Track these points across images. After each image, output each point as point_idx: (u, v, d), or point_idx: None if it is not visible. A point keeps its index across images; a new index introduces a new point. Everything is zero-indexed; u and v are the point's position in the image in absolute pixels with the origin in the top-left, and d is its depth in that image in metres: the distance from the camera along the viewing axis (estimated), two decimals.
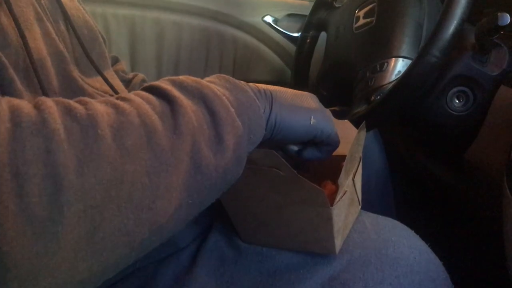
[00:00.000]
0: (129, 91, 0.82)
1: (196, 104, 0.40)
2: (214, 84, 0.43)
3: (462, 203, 0.94)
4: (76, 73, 0.55)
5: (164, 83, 0.41)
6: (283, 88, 0.53)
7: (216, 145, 0.39)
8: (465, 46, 0.72)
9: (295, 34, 1.49)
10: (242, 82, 0.47)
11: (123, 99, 0.38)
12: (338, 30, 1.08)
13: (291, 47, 1.48)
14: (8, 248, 0.27)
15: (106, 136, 0.33)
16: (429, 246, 0.61)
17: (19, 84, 0.43)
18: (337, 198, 0.52)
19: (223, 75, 0.47)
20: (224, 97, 0.42)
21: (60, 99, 0.35)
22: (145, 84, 0.42)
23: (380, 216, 0.64)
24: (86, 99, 0.36)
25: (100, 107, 0.35)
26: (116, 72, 0.84)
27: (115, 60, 0.91)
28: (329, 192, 0.57)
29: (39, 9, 0.53)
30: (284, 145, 0.56)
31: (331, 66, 1.09)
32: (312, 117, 0.51)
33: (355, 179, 0.58)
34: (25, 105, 0.32)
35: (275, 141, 0.49)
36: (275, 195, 0.54)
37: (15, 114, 0.30)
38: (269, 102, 0.48)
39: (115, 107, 0.36)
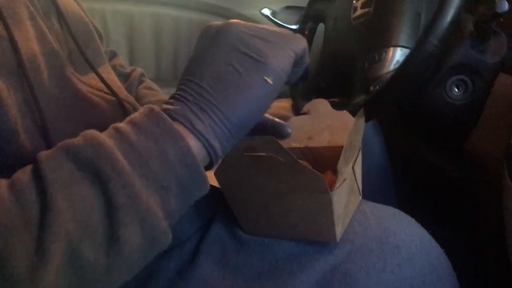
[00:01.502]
0: (128, 86, 0.82)
1: (86, 187, 0.34)
2: (137, 130, 0.37)
3: (462, 191, 0.95)
4: (70, 72, 0.55)
5: (53, 157, 0.35)
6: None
7: (108, 241, 0.34)
8: (463, 35, 0.71)
9: (293, 27, 1.48)
10: (179, 120, 0.39)
11: None
12: (336, 21, 1.08)
13: None
14: None
15: None
16: (430, 234, 0.61)
17: (5, 99, 0.41)
18: (337, 184, 0.52)
19: (159, 112, 0.39)
20: (128, 170, 0.35)
21: None
22: (37, 157, 0.36)
23: (381, 205, 0.64)
24: None
25: None
26: (114, 67, 0.84)
27: (113, 55, 0.91)
28: (329, 182, 0.57)
29: (31, 8, 0.52)
30: None
31: (330, 58, 1.09)
32: (265, 78, 0.41)
33: (355, 167, 0.59)
34: None
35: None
36: (275, 182, 0.54)
37: None
38: (218, 124, 0.40)
39: None
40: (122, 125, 0.38)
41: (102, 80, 0.61)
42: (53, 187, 0.33)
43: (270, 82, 0.41)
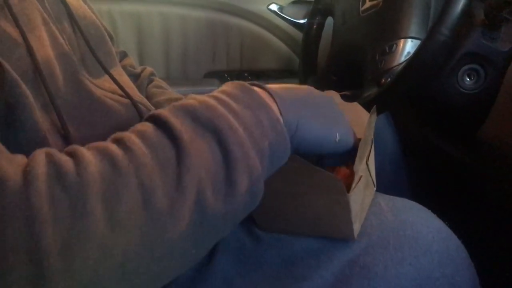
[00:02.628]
0: (138, 86, 0.83)
1: (207, 142, 0.37)
2: (234, 100, 0.41)
3: (477, 181, 0.94)
4: (83, 76, 0.55)
5: (174, 114, 0.38)
6: (305, 89, 0.51)
7: (226, 188, 0.37)
8: (474, 23, 0.71)
9: (301, 21, 1.48)
10: (264, 91, 0.44)
11: (123, 146, 0.35)
12: (344, 14, 1.08)
13: (298, 34, 1.47)
14: None
15: (95, 211, 0.31)
16: (446, 225, 0.61)
17: (30, 98, 0.43)
18: (353, 185, 0.52)
19: (246, 85, 0.43)
20: (240, 130, 0.39)
21: (52, 153, 0.33)
22: (154, 112, 0.39)
23: (396, 198, 0.64)
24: (80, 151, 0.34)
25: (93, 167, 0.32)
26: (124, 67, 0.85)
27: (123, 55, 0.92)
28: (343, 176, 0.57)
29: (44, 13, 0.53)
30: None
31: (340, 51, 1.09)
32: (337, 134, 0.50)
33: (369, 162, 0.58)
34: (11, 172, 0.30)
35: (296, 153, 0.48)
36: (291, 184, 0.54)
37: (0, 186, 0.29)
38: (296, 120, 0.45)
39: (112, 163, 0.33)
40: (218, 94, 0.42)
41: (116, 82, 0.61)
42: (185, 137, 0.36)
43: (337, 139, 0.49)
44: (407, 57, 0.79)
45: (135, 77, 0.86)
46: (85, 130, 0.50)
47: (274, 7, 1.47)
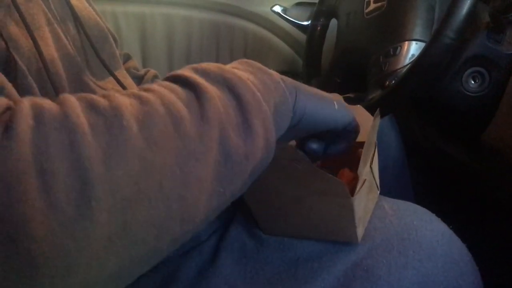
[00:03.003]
0: None
1: (220, 90, 0.39)
2: (238, 69, 0.42)
3: (481, 184, 0.94)
4: (87, 77, 0.55)
5: (186, 71, 0.40)
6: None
7: (244, 130, 0.38)
8: (479, 26, 0.71)
9: (305, 23, 1.48)
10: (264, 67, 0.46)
11: (146, 90, 0.37)
12: (348, 16, 1.08)
13: (302, 36, 1.47)
14: (37, 246, 0.27)
15: (132, 127, 0.32)
16: (450, 229, 0.61)
17: (38, 92, 0.43)
18: (357, 188, 0.51)
19: (246, 60, 0.46)
20: (248, 81, 0.40)
21: (83, 94, 0.34)
22: (167, 74, 0.41)
23: (400, 201, 0.64)
24: (109, 92, 0.35)
25: (123, 99, 0.34)
26: (128, 69, 0.85)
27: (127, 58, 0.92)
28: (347, 180, 0.57)
29: (49, 14, 0.53)
30: (306, 141, 0.55)
31: (343, 53, 1.09)
32: (335, 103, 0.50)
33: (372, 165, 0.58)
34: (47, 102, 0.31)
35: (300, 129, 0.48)
36: (294, 187, 0.54)
37: (37, 112, 0.30)
38: (294, 88, 0.46)
39: (139, 98, 0.35)
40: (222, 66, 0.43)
41: (120, 83, 0.61)
42: (200, 82, 0.38)
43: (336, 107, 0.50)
44: (412, 60, 0.79)
45: (138, 79, 0.86)
46: None
47: (277, 8, 1.47)
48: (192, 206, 0.34)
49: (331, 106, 0.50)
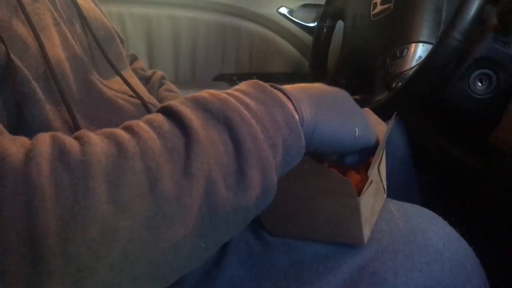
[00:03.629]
0: (149, 89, 0.83)
1: (218, 132, 0.36)
2: (247, 96, 0.40)
3: (487, 187, 0.93)
4: (94, 77, 0.56)
5: (185, 105, 0.37)
6: (318, 87, 0.49)
7: (237, 181, 0.35)
8: (486, 28, 0.70)
9: (311, 25, 1.48)
10: (279, 91, 0.42)
11: (131, 131, 0.34)
12: (355, 18, 1.08)
13: (308, 38, 1.47)
14: None
15: (98, 190, 0.29)
16: (457, 232, 0.61)
17: (40, 95, 0.43)
18: (364, 188, 0.51)
19: (261, 83, 0.42)
20: (253, 122, 0.37)
21: (57, 135, 0.32)
22: (164, 104, 0.38)
23: (407, 204, 0.64)
24: (87, 134, 0.33)
25: (99, 148, 0.32)
26: (135, 70, 0.85)
27: (133, 58, 0.92)
28: (354, 182, 0.57)
29: (55, 14, 0.53)
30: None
31: (350, 55, 1.08)
32: (356, 129, 0.48)
33: (380, 167, 0.58)
34: (14, 150, 0.30)
35: (315, 154, 0.46)
36: (301, 187, 0.54)
37: (1, 163, 0.28)
38: (313, 121, 0.43)
39: (118, 146, 0.32)
40: (230, 90, 0.41)
41: (126, 82, 0.62)
42: (195, 124, 0.35)
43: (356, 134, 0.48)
44: (418, 62, 0.79)
45: (145, 80, 0.86)
46: (96, 128, 0.50)
47: (284, 10, 1.47)
48: (166, 268, 0.33)
49: (352, 134, 0.48)
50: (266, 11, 1.48)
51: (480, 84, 0.73)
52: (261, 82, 0.42)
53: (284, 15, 1.47)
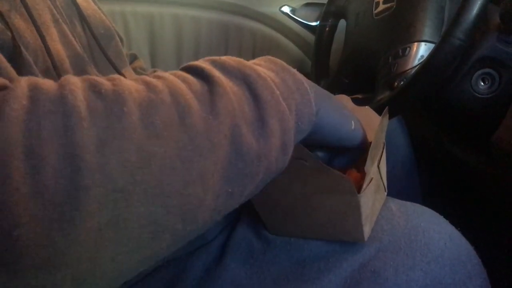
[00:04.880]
0: None
1: (237, 86, 0.37)
2: (258, 65, 0.41)
3: (490, 187, 0.93)
4: (94, 74, 0.56)
5: (204, 63, 0.38)
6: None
7: (259, 129, 0.36)
8: (489, 27, 0.70)
9: (314, 23, 1.47)
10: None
11: (157, 77, 0.35)
12: (357, 17, 1.07)
13: (310, 37, 1.47)
14: (19, 233, 0.26)
15: (132, 114, 0.30)
16: (458, 231, 0.60)
17: None
18: (364, 186, 0.51)
19: (270, 57, 0.44)
20: (269, 79, 0.39)
21: (88, 76, 0.33)
22: (184, 64, 0.39)
23: (408, 202, 0.64)
24: (116, 76, 0.34)
25: (129, 84, 0.32)
26: (134, 69, 0.85)
27: (134, 58, 0.92)
28: (354, 180, 0.57)
29: (55, 11, 0.53)
30: (313, 149, 0.54)
31: (352, 54, 1.08)
32: (353, 122, 0.49)
33: (380, 165, 0.58)
34: (46, 83, 0.30)
35: (311, 139, 0.46)
36: (301, 185, 0.54)
37: (33, 92, 0.29)
38: (314, 98, 0.44)
39: (146, 84, 0.33)
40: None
41: None
42: (216, 75, 0.36)
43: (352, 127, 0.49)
44: (421, 61, 0.79)
45: None
46: None
47: (286, 9, 1.47)
48: (194, 204, 0.32)
49: (349, 125, 0.49)
50: (269, 10, 1.48)
51: (482, 84, 0.73)
52: (269, 57, 0.44)
53: (286, 14, 1.47)
